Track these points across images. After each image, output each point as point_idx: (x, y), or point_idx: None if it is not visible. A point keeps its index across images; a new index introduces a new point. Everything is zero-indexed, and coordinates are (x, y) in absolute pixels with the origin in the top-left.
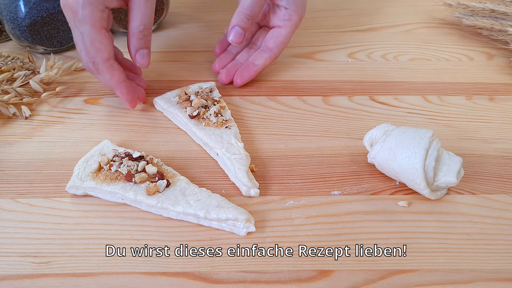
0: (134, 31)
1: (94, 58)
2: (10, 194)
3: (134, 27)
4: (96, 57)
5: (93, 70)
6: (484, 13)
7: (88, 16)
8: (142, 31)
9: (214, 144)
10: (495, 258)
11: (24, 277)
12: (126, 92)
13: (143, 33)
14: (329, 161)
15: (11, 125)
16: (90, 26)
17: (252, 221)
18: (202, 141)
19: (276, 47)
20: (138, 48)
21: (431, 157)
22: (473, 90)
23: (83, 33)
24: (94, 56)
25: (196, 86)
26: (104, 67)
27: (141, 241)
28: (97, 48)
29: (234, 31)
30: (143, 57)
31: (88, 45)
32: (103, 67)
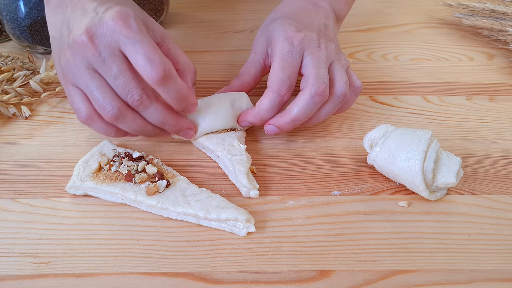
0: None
1: (167, 64)
2: (10, 194)
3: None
4: (168, 63)
5: (147, 100)
6: (484, 13)
7: (143, 28)
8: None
9: (215, 147)
10: (495, 258)
11: (24, 277)
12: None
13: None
14: (329, 161)
15: (11, 125)
16: (147, 37)
17: (252, 221)
18: (202, 146)
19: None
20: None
21: (430, 158)
22: (473, 90)
23: (145, 41)
24: (165, 64)
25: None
26: (176, 74)
27: (141, 241)
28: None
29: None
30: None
31: (153, 51)
32: (175, 74)
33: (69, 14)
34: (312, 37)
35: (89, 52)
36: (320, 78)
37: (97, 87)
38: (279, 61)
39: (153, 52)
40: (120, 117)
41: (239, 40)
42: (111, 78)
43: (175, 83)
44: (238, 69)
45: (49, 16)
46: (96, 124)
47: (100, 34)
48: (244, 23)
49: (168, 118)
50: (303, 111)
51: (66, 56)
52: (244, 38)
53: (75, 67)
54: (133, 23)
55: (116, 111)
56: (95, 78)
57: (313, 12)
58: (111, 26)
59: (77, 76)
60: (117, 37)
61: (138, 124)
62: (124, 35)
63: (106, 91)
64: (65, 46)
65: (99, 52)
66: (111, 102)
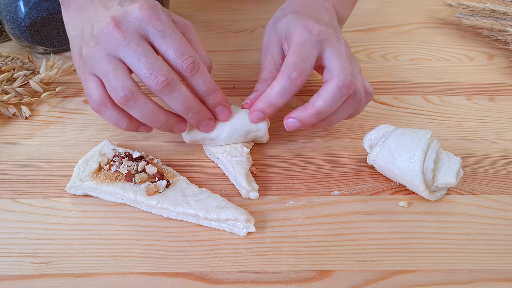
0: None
1: (194, 57)
2: (10, 194)
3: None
4: (197, 57)
5: (172, 86)
6: (484, 13)
7: (170, 21)
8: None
9: (216, 149)
10: (495, 258)
11: (24, 277)
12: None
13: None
14: (329, 161)
15: (11, 125)
16: (177, 30)
17: (252, 221)
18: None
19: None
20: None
21: (429, 159)
22: (473, 90)
23: (176, 34)
24: (193, 56)
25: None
26: (205, 67)
27: (141, 241)
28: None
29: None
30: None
31: (184, 45)
32: (204, 68)
33: (91, 13)
34: (330, 32)
35: (113, 37)
36: (346, 69)
37: (113, 69)
38: (294, 46)
39: (184, 46)
40: (131, 100)
41: (239, 40)
42: (135, 59)
43: (206, 75)
44: (238, 69)
45: (69, 18)
46: (108, 111)
47: (127, 21)
48: (244, 23)
49: (193, 104)
50: (328, 103)
51: (89, 46)
52: (244, 38)
53: (96, 53)
54: (162, 15)
55: (127, 93)
56: (112, 62)
57: (321, 10)
58: (139, 15)
59: (95, 63)
60: (145, 26)
61: (150, 110)
62: (154, 26)
63: (121, 73)
64: (87, 38)
65: (124, 36)
66: (123, 83)
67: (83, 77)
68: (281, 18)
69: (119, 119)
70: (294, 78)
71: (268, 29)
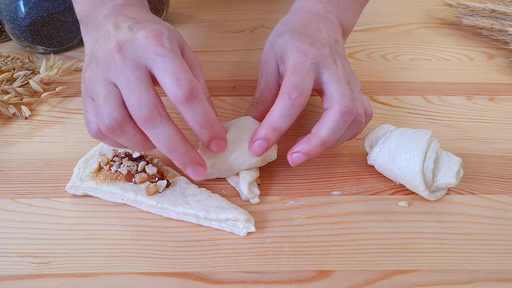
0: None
1: (193, 83)
2: (10, 194)
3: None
4: (196, 84)
5: (156, 117)
6: (484, 13)
7: (175, 47)
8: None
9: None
10: (495, 258)
11: (24, 277)
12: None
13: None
14: (329, 161)
15: (11, 125)
16: (178, 56)
17: (252, 221)
18: None
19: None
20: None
21: (429, 159)
22: (473, 90)
23: (176, 59)
24: (192, 81)
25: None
26: (204, 96)
27: (141, 241)
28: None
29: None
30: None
31: (182, 70)
32: (203, 97)
33: (103, 31)
34: (326, 53)
35: (112, 63)
36: (346, 95)
37: (105, 94)
38: (292, 68)
39: (182, 70)
40: (117, 130)
41: (239, 40)
42: (126, 87)
43: (202, 104)
44: (238, 69)
45: (86, 37)
46: (106, 138)
47: (130, 48)
48: (244, 23)
49: (178, 144)
50: (332, 131)
51: (91, 69)
52: (244, 38)
53: (95, 77)
54: (166, 41)
55: (113, 122)
56: (106, 87)
57: (322, 25)
58: (143, 43)
59: (93, 86)
60: (147, 54)
61: (138, 140)
62: (155, 51)
63: (111, 99)
64: (93, 60)
65: (123, 62)
66: (110, 112)
67: (84, 101)
68: (278, 37)
69: (118, 144)
70: (295, 98)
71: (267, 46)
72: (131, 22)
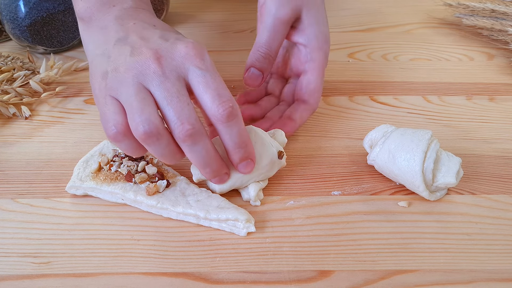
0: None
1: (233, 102)
2: (10, 194)
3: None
4: (235, 103)
5: (196, 136)
6: (484, 13)
7: (213, 63)
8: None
9: None
10: (495, 258)
11: (24, 277)
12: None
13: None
14: (329, 161)
15: (11, 125)
16: (218, 73)
17: (252, 221)
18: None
19: (310, 96)
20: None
21: (429, 159)
22: (473, 90)
23: (217, 76)
24: (232, 100)
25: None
26: (241, 116)
27: (141, 241)
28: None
29: (250, 72)
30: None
31: (223, 87)
32: (241, 117)
33: (121, 33)
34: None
35: (150, 70)
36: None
37: (140, 99)
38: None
39: (224, 88)
40: (154, 137)
41: (239, 40)
42: (166, 98)
43: (239, 124)
44: (238, 69)
45: (90, 36)
46: (127, 141)
47: (170, 57)
48: (244, 23)
49: (213, 161)
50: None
51: (118, 70)
52: (244, 38)
53: (125, 79)
54: (206, 56)
55: (152, 128)
56: (141, 91)
57: None
58: (184, 54)
59: (122, 88)
60: (187, 65)
61: (171, 151)
62: (196, 64)
63: (148, 105)
64: (118, 63)
65: (163, 71)
66: (149, 117)
67: (103, 99)
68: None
69: (137, 150)
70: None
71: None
72: (158, 33)
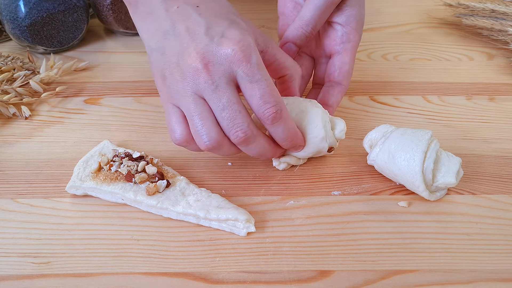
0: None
1: (277, 106)
2: (10, 194)
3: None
4: (282, 104)
5: (253, 135)
6: (484, 13)
7: (261, 62)
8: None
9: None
10: (495, 258)
11: (24, 277)
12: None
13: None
14: (329, 161)
15: (11, 125)
16: (266, 75)
17: (252, 221)
18: None
19: (344, 78)
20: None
21: (429, 159)
22: (473, 90)
23: (263, 80)
24: (277, 104)
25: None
26: (288, 115)
27: (141, 241)
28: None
29: (287, 47)
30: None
31: (269, 92)
32: (286, 115)
33: (167, 24)
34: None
35: (201, 79)
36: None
37: (199, 113)
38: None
39: (270, 93)
40: (216, 148)
41: None
42: (219, 108)
43: (285, 124)
44: None
45: (141, 21)
46: (190, 146)
47: (217, 62)
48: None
49: (268, 151)
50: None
51: (174, 77)
52: None
53: (182, 89)
54: (253, 57)
55: (213, 143)
56: (198, 104)
57: None
58: (230, 57)
59: (181, 99)
60: (235, 68)
61: (232, 151)
62: (243, 69)
63: (206, 118)
64: (172, 66)
65: (213, 79)
66: (208, 132)
67: (166, 105)
68: None
69: (200, 150)
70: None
71: None
72: (204, 26)
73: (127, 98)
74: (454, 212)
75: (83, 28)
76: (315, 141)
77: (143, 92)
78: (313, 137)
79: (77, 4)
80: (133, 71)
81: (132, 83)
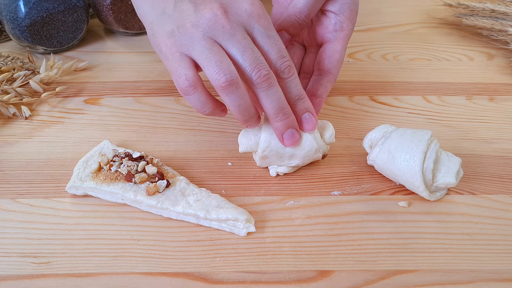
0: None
1: (291, 62)
2: (10, 194)
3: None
4: (291, 60)
5: (268, 85)
6: (484, 13)
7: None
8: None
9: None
10: (495, 258)
11: (24, 277)
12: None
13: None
14: (329, 161)
15: (11, 125)
16: (277, 33)
17: (252, 221)
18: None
19: (334, 67)
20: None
21: (429, 159)
22: (473, 90)
23: (278, 36)
24: (290, 60)
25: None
26: (294, 70)
27: (141, 241)
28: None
29: (281, 35)
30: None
31: (284, 47)
32: (296, 73)
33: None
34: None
35: (219, 24)
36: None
37: (216, 52)
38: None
39: (284, 49)
40: (233, 85)
41: None
42: (240, 50)
43: (297, 80)
44: None
45: None
46: (196, 94)
47: (235, 12)
48: None
49: (285, 105)
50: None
51: (184, 27)
52: None
53: (195, 35)
54: (268, 16)
55: (233, 76)
56: (214, 45)
57: None
58: (249, 9)
59: (193, 44)
60: (252, 22)
61: (246, 101)
62: (261, 23)
63: (225, 57)
64: (183, 18)
65: (231, 26)
66: (228, 67)
67: (172, 56)
68: None
69: (205, 104)
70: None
71: None
72: None
73: (127, 98)
74: (454, 212)
75: (83, 28)
76: (310, 155)
77: (143, 92)
78: (307, 152)
79: (77, 4)
80: (133, 71)
81: (132, 83)
